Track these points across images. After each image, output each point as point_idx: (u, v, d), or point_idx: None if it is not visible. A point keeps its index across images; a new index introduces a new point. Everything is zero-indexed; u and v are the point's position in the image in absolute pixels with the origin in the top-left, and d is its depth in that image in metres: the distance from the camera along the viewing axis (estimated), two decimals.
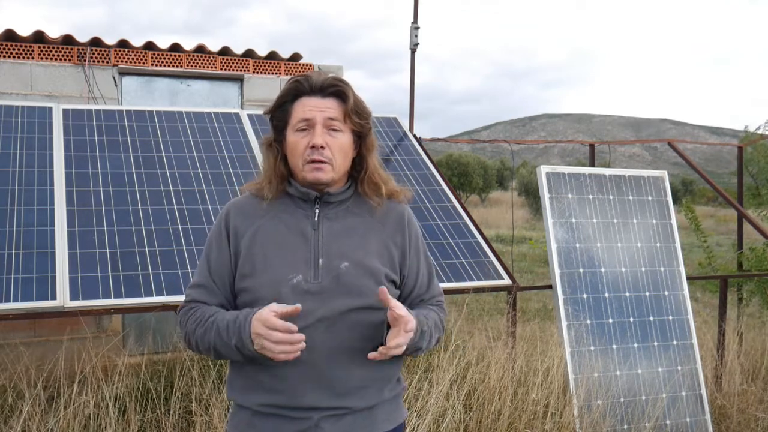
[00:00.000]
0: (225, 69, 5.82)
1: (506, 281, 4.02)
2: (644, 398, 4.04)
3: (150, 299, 3.30)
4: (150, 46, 5.65)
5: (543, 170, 4.29)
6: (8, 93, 5.11)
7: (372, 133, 1.75)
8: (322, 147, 1.64)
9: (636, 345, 4.13)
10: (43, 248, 3.40)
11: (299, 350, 1.52)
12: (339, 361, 1.62)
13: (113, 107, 4.59)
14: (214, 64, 5.78)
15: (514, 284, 4.03)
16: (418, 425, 3.28)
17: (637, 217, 4.43)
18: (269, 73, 5.97)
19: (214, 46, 5.94)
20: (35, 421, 3.19)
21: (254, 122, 4.75)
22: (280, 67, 6.01)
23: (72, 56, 5.33)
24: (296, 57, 6.09)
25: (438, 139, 5.81)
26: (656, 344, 4.18)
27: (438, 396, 3.47)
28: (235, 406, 1.72)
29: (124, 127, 4.37)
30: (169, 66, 5.65)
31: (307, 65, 6.08)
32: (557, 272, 4.07)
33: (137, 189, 3.92)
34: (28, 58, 5.22)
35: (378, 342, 1.65)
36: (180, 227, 3.74)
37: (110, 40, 5.55)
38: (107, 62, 5.41)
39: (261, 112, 4.87)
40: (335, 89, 1.67)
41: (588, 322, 4.03)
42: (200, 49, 5.82)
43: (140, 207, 3.80)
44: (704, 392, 4.21)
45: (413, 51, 5.34)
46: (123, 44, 5.55)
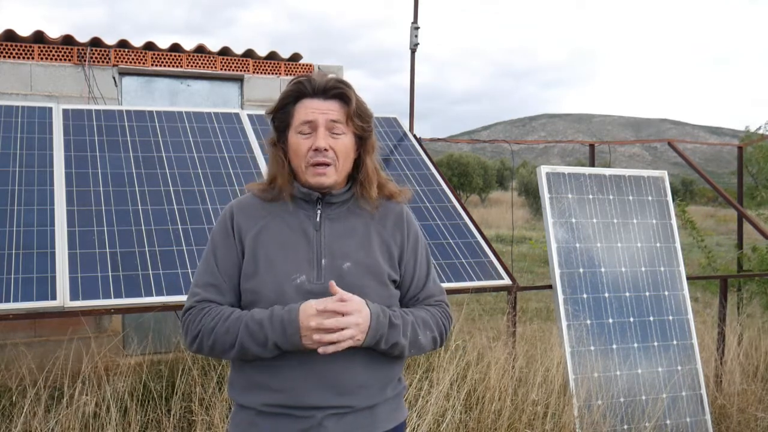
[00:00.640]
0: (225, 69, 5.82)
1: (506, 281, 4.02)
2: (644, 398, 4.04)
3: (150, 299, 3.30)
4: (150, 46, 5.65)
5: (543, 170, 4.29)
6: (8, 93, 5.11)
7: (373, 135, 1.75)
8: (326, 149, 1.64)
9: (636, 345, 4.13)
10: (43, 248, 3.40)
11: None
12: (341, 360, 1.62)
13: (113, 107, 4.60)
14: (214, 64, 5.78)
15: (514, 284, 4.03)
16: (419, 425, 3.28)
17: (637, 217, 4.43)
18: (269, 73, 5.97)
19: (215, 46, 5.95)
20: (36, 421, 3.19)
21: (254, 122, 4.75)
22: (280, 67, 6.01)
23: (72, 56, 5.33)
24: (296, 57, 6.10)
25: (438, 139, 5.81)
26: (656, 344, 4.18)
27: (438, 396, 3.47)
28: (237, 406, 1.72)
29: (124, 127, 4.37)
30: (169, 66, 5.65)
31: (307, 65, 6.08)
32: (557, 272, 4.07)
33: (137, 189, 3.92)
34: (28, 58, 5.22)
35: None
36: (180, 227, 3.74)
37: (110, 40, 5.56)
38: (107, 62, 5.41)
39: (261, 112, 4.87)
40: (337, 91, 1.66)
41: (588, 322, 4.03)
42: (200, 49, 5.82)
43: (140, 207, 3.80)
44: (704, 392, 4.21)
45: (413, 51, 5.34)
46: (123, 44, 5.55)
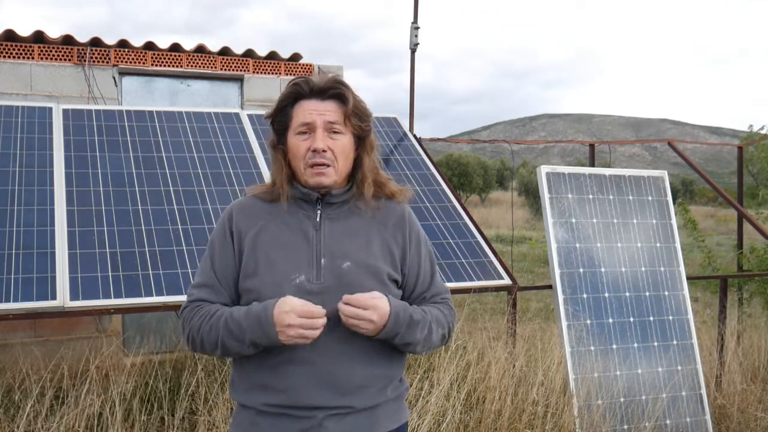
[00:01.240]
0: (225, 69, 5.82)
1: (506, 281, 4.02)
2: (644, 398, 4.04)
3: (150, 299, 3.30)
4: (150, 46, 5.65)
5: (543, 170, 4.29)
6: (8, 93, 5.10)
7: (372, 135, 1.75)
8: (324, 151, 1.64)
9: (636, 345, 4.13)
10: (43, 248, 3.40)
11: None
12: (342, 361, 1.62)
13: (113, 107, 4.60)
14: (214, 64, 5.78)
15: (514, 284, 4.03)
16: (419, 425, 3.28)
17: (637, 217, 4.43)
18: (269, 73, 5.97)
19: (215, 46, 5.94)
20: (40, 421, 3.19)
21: (254, 122, 4.75)
22: (280, 67, 6.01)
23: (72, 56, 5.33)
24: (296, 57, 6.09)
25: (438, 139, 5.81)
26: (656, 344, 4.18)
27: (438, 396, 3.47)
28: (239, 406, 1.72)
29: (124, 127, 4.37)
30: (169, 66, 5.65)
31: (307, 65, 6.08)
32: (557, 272, 4.07)
33: (137, 189, 3.92)
34: (28, 58, 5.22)
35: (380, 341, 1.66)
36: (180, 227, 3.74)
37: (110, 40, 5.55)
38: (107, 62, 5.41)
39: (261, 112, 4.87)
40: (335, 92, 1.67)
41: (588, 322, 4.03)
42: (200, 49, 5.82)
43: (140, 207, 3.80)
44: (704, 392, 4.21)
45: (413, 51, 5.34)
46: (123, 44, 5.55)
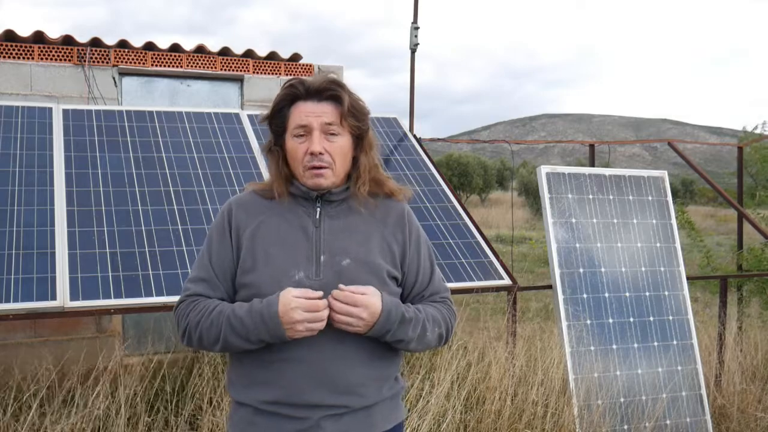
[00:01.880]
0: (225, 69, 5.82)
1: (506, 281, 4.02)
2: (644, 398, 4.04)
3: (150, 299, 3.30)
4: (150, 47, 5.65)
5: (543, 170, 4.29)
6: (8, 93, 5.10)
7: (370, 133, 1.74)
8: (321, 153, 1.65)
9: (636, 345, 4.13)
10: (43, 248, 3.40)
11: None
12: (339, 359, 1.63)
13: (113, 107, 4.60)
14: (214, 65, 5.78)
15: (514, 284, 4.03)
16: (419, 426, 3.28)
17: (637, 217, 4.43)
18: (269, 74, 5.96)
19: (215, 46, 5.95)
20: (46, 422, 3.19)
21: (254, 123, 4.75)
22: (280, 68, 6.01)
23: (72, 56, 5.33)
24: (296, 57, 6.09)
25: (438, 139, 5.81)
26: (656, 344, 4.18)
27: (439, 396, 3.47)
28: (236, 404, 1.73)
29: (124, 128, 4.37)
30: (169, 66, 5.65)
31: (307, 65, 6.08)
32: (557, 272, 4.07)
33: (137, 189, 3.92)
34: (28, 59, 5.22)
35: (378, 340, 1.66)
36: (180, 227, 3.74)
37: (111, 40, 5.56)
38: (107, 62, 5.41)
39: (261, 113, 4.87)
40: (331, 93, 1.66)
41: (588, 322, 4.03)
42: (200, 50, 5.82)
43: (140, 207, 3.80)
44: (704, 392, 4.21)
45: (413, 51, 5.34)
46: (123, 44, 5.55)
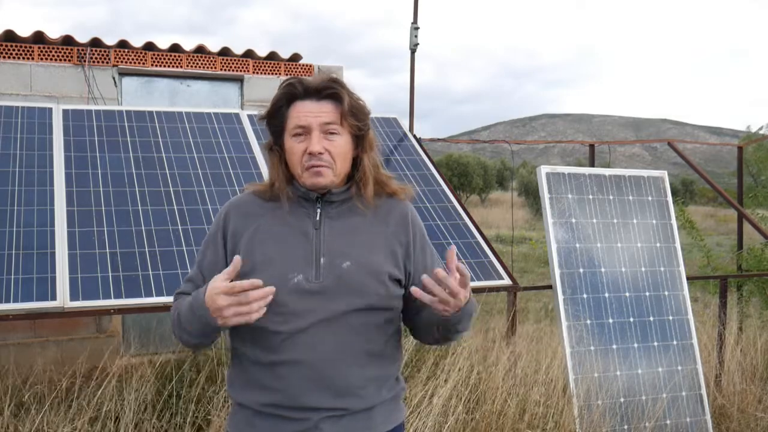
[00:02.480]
0: (225, 69, 5.82)
1: (506, 281, 4.02)
2: (644, 398, 4.04)
3: (150, 300, 3.30)
4: (150, 47, 5.65)
5: (543, 170, 4.29)
6: (8, 93, 5.10)
7: (370, 133, 1.71)
8: (320, 153, 1.61)
9: (636, 345, 4.13)
10: (43, 249, 3.39)
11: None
12: (339, 362, 1.61)
13: (113, 108, 4.59)
14: (214, 65, 5.78)
15: (515, 284, 4.02)
16: (420, 426, 3.28)
17: (637, 217, 4.43)
18: (269, 74, 5.97)
19: (215, 46, 5.95)
20: (47, 422, 3.19)
21: (254, 123, 4.75)
22: (280, 68, 6.01)
23: (72, 57, 5.33)
24: (296, 57, 6.09)
25: (438, 139, 5.81)
26: (656, 344, 4.18)
27: (442, 396, 3.47)
28: (235, 405, 1.72)
29: (124, 128, 4.37)
30: (169, 66, 5.65)
31: (308, 65, 6.08)
32: (557, 272, 4.07)
33: (137, 189, 3.92)
34: (28, 59, 5.22)
35: (378, 342, 1.66)
36: (180, 228, 3.74)
37: (111, 40, 5.56)
38: (107, 63, 5.41)
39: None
40: (330, 92, 1.63)
41: (588, 322, 4.03)
42: (200, 50, 5.82)
43: (140, 207, 3.80)
44: (704, 392, 4.21)
45: (413, 51, 5.34)
46: (123, 44, 5.55)
